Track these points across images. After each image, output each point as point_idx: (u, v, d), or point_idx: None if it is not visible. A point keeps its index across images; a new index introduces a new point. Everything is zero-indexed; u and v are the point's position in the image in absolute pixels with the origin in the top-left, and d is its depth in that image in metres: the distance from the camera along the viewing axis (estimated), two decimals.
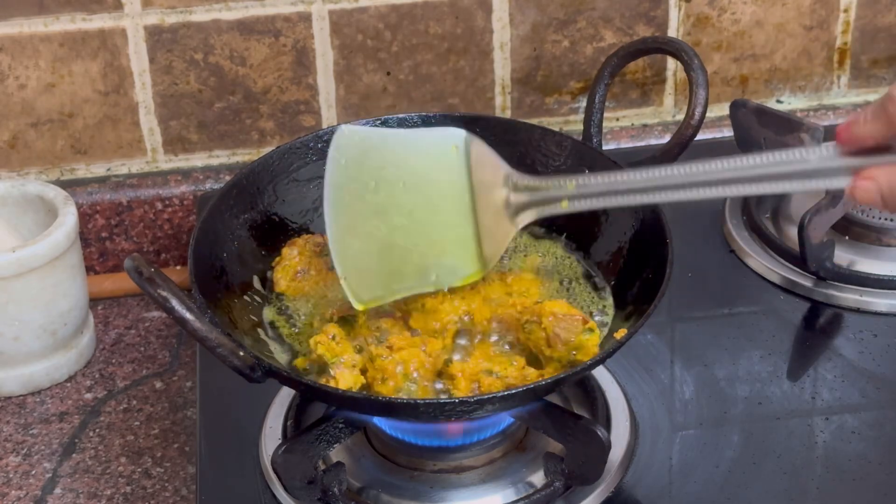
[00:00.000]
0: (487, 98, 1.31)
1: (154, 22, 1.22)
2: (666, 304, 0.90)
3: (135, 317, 1.24)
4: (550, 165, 1.05)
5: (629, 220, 0.99)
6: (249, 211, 1.02)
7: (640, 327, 0.88)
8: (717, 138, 1.34)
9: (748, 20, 1.32)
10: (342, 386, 0.88)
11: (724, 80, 1.35)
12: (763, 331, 1.09)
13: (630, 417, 0.99)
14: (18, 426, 1.12)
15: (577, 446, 0.89)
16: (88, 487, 1.06)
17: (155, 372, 1.18)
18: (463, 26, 1.27)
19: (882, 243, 1.16)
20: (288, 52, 1.25)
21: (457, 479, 0.94)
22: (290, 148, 1.05)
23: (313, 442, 0.89)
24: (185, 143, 1.28)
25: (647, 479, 0.95)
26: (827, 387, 1.03)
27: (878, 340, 1.08)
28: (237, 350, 0.84)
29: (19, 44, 1.21)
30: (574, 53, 1.30)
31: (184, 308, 0.82)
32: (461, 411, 0.85)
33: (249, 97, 1.27)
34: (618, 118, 1.35)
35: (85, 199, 1.27)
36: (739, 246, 1.18)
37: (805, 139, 1.19)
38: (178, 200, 1.28)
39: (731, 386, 1.03)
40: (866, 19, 1.34)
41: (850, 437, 0.99)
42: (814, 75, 1.37)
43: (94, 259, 1.29)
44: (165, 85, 1.25)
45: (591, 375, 1.01)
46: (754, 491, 0.94)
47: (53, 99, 1.24)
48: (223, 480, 0.97)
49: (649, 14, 1.30)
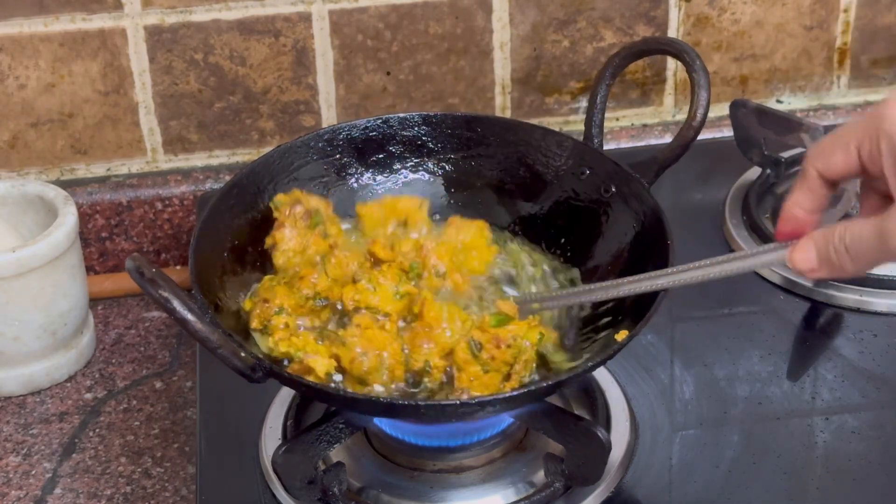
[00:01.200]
0: (487, 98, 1.31)
1: (154, 22, 1.22)
2: (666, 305, 0.90)
3: (135, 317, 1.24)
4: (551, 166, 1.05)
5: (630, 221, 0.99)
6: (249, 211, 1.02)
7: (641, 329, 0.88)
8: (717, 138, 1.34)
9: (748, 20, 1.32)
10: (319, 371, 0.89)
11: (724, 80, 1.35)
12: (763, 331, 1.09)
13: (630, 418, 0.99)
14: (18, 426, 1.12)
15: (577, 447, 0.89)
16: (88, 487, 1.06)
17: (155, 372, 1.18)
18: (463, 26, 1.27)
19: None
20: (288, 52, 1.25)
21: (457, 479, 0.94)
22: (290, 148, 1.05)
23: (313, 442, 0.89)
24: (185, 143, 1.28)
25: (647, 479, 0.95)
26: (827, 387, 1.03)
27: (878, 340, 1.08)
28: (238, 351, 0.84)
29: (19, 44, 1.21)
30: (574, 53, 1.30)
31: (185, 309, 0.82)
32: (463, 413, 0.85)
33: (249, 97, 1.27)
34: (618, 118, 1.35)
35: (85, 199, 1.27)
36: (739, 246, 1.18)
37: (805, 139, 1.19)
38: (178, 200, 1.28)
39: (731, 386, 1.03)
40: (866, 19, 1.34)
41: (850, 437, 0.99)
42: (814, 75, 1.37)
43: (94, 259, 1.29)
44: (165, 85, 1.25)
45: (591, 376, 1.01)
46: (754, 491, 0.94)
47: (53, 99, 1.24)
48: (223, 480, 0.97)
49: (649, 14, 1.30)
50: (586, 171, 1.03)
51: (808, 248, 0.83)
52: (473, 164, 1.07)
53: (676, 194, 1.25)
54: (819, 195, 0.85)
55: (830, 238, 0.81)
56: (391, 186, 1.07)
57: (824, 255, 0.82)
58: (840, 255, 0.81)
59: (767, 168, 1.24)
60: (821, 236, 0.82)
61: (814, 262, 0.83)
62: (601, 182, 1.02)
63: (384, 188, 1.07)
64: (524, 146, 1.06)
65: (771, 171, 1.24)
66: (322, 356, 0.91)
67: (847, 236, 0.81)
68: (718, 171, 1.28)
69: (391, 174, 1.07)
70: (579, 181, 1.04)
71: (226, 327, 0.91)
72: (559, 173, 1.05)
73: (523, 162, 1.06)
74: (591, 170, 1.03)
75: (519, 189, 1.06)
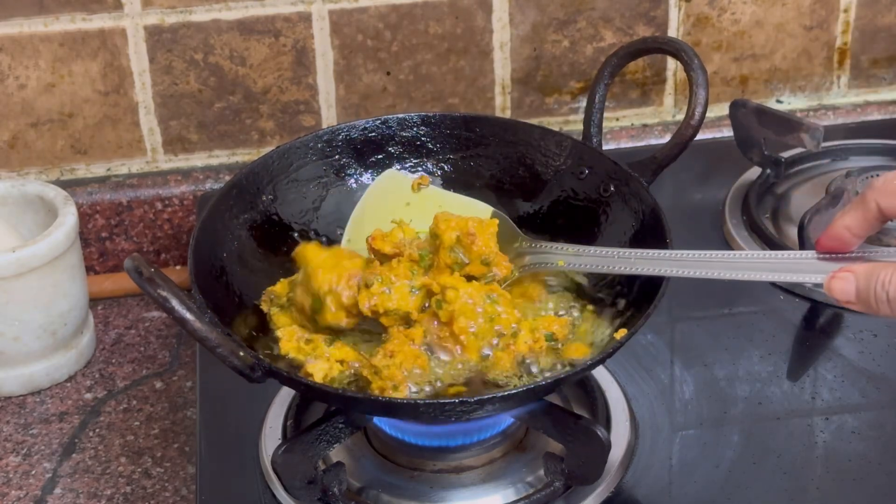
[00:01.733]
0: (487, 98, 1.31)
1: (154, 22, 1.22)
2: (666, 304, 0.90)
3: (135, 317, 1.24)
4: (550, 165, 1.05)
5: (629, 221, 0.99)
6: (249, 211, 1.02)
7: (640, 328, 0.88)
8: (717, 138, 1.34)
9: (748, 20, 1.32)
10: (317, 377, 0.89)
11: (724, 80, 1.35)
12: (763, 331, 1.09)
13: (630, 417, 0.99)
14: (18, 426, 1.12)
15: (577, 446, 0.89)
16: (88, 487, 1.06)
17: (155, 372, 1.18)
18: (463, 26, 1.27)
19: (882, 243, 1.15)
20: (288, 52, 1.25)
21: (457, 479, 0.94)
22: (290, 148, 1.05)
23: (313, 442, 0.89)
24: (185, 143, 1.28)
25: (647, 479, 0.95)
26: (827, 387, 1.03)
27: (878, 340, 1.08)
28: (237, 350, 0.84)
29: (19, 44, 1.21)
30: (574, 53, 1.30)
31: (184, 308, 0.82)
32: (461, 411, 0.85)
33: (249, 97, 1.27)
34: (618, 118, 1.35)
35: (85, 199, 1.27)
36: (739, 246, 1.18)
37: (805, 139, 1.19)
38: (178, 200, 1.28)
39: (731, 386, 1.03)
40: (866, 19, 1.34)
41: (850, 437, 0.99)
42: (814, 75, 1.37)
43: (94, 259, 1.29)
44: (165, 85, 1.25)
45: (591, 375, 1.01)
46: (754, 491, 0.94)
47: (53, 99, 1.24)
48: (223, 480, 0.97)
49: (649, 14, 1.30)
50: (585, 170, 1.03)
51: (849, 281, 0.83)
52: (472, 165, 1.07)
53: (676, 194, 1.25)
54: (871, 225, 0.86)
55: (874, 280, 0.82)
56: None
57: (864, 295, 0.82)
58: (879, 301, 0.82)
59: (767, 168, 1.24)
60: (864, 276, 0.83)
61: (851, 296, 0.83)
62: (600, 181, 1.02)
63: None
64: (523, 146, 1.06)
65: (771, 171, 1.24)
66: (325, 361, 0.91)
67: (892, 287, 0.81)
68: (718, 170, 1.28)
69: None
70: (578, 181, 1.04)
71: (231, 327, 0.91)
72: (558, 173, 1.05)
73: (522, 162, 1.06)
74: (591, 169, 1.03)
75: (518, 189, 1.06)
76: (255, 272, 1.00)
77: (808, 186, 1.25)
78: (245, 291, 0.98)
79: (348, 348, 0.92)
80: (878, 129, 1.34)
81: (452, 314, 0.91)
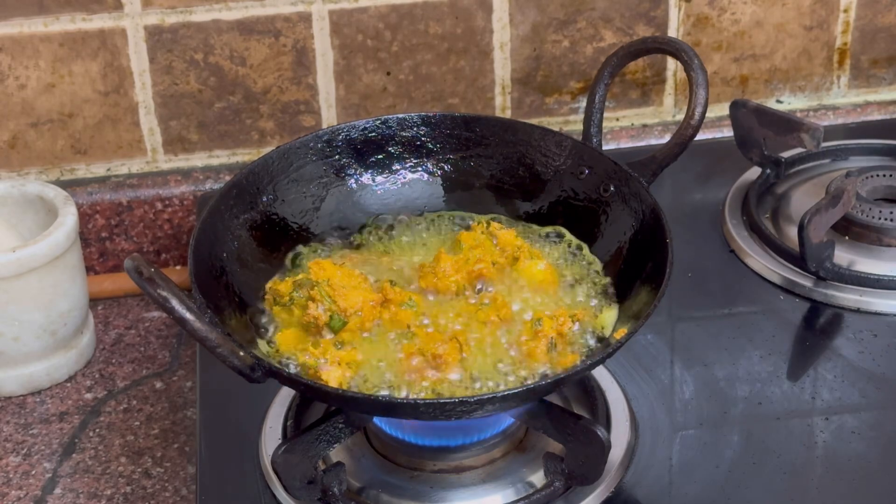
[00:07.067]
0: (487, 98, 1.31)
1: (154, 22, 1.22)
2: (666, 304, 0.90)
3: (135, 317, 1.24)
4: (550, 165, 1.05)
5: (629, 220, 0.99)
6: (249, 211, 1.02)
7: (640, 327, 0.88)
8: (717, 138, 1.34)
9: (748, 20, 1.32)
10: (332, 383, 0.89)
11: (724, 80, 1.35)
12: (763, 331, 1.09)
13: (630, 417, 0.99)
14: (18, 426, 1.13)
15: (577, 446, 0.89)
16: (88, 487, 1.06)
17: (155, 372, 1.18)
18: (463, 26, 1.27)
19: (882, 243, 1.16)
20: (288, 52, 1.25)
21: (457, 479, 0.94)
22: (290, 148, 1.05)
23: (313, 442, 0.89)
24: (185, 143, 1.28)
25: (647, 479, 0.95)
26: (827, 387, 1.03)
27: (878, 340, 1.08)
28: (237, 350, 0.84)
29: (19, 44, 1.21)
30: (574, 53, 1.30)
31: (184, 308, 0.82)
32: (461, 411, 0.85)
33: (249, 97, 1.27)
34: (618, 118, 1.35)
35: (85, 199, 1.27)
36: (739, 246, 1.18)
37: (805, 139, 1.19)
38: (178, 200, 1.28)
39: (731, 386, 1.03)
40: (866, 19, 1.34)
41: (850, 437, 0.99)
42: (814, 75, 1.37)
43: (94, 259, 1.29)
44: (165, 85, 1.25)
45: (591, 375, 1.01)
46: (754, 491, 0.94)
47: (53, 99, 1.24)
48: (223, 480, 0.97)
49: (649, 14, 1.30)
50: (585, 170, 1.03)
51: None
52: (472, 165, 1.07)
53: (676, 194, 1.25)
54: None
55: None
56: (390, 187, 1.07)
57: None
58: None
59: (767, 168, 1.24)
60: None
61: None
62: (600, 181, 1.02)
63: (383, 188, 1.07)
64: (523, 146, 1.06)
65: (771, 171, 1.24)
66: (338, 367, 0.91)
67: None
68: (718, 171, 1.28)
69: (390, 175, 1.07)
70: (578, 181, 1.04)
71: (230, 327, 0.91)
72: (558, 173, 1.05)
73: (522, 162, 1.06)
74: (590, 169, 1.03)
75: (518, 189, 1.06)
76: (255, 272, 1.01)
77: (808, 186, 1.25)
78: (245, 291, 0.98)
79: (356, 352, 0.93)
80: (878, 129, 1.34)
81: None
